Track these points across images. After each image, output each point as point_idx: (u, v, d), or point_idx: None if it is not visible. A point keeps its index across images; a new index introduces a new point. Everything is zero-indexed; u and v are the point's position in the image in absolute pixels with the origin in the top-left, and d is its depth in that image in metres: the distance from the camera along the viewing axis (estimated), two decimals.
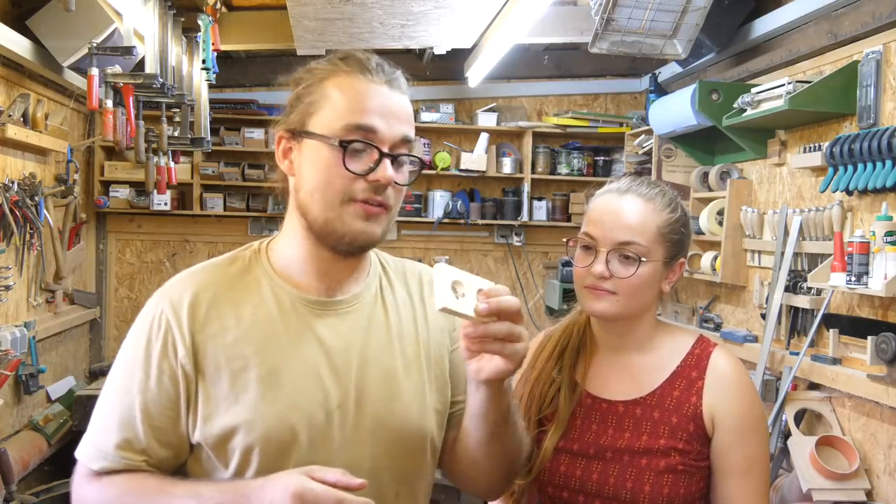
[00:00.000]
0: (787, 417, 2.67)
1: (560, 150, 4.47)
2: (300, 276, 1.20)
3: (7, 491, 2.87)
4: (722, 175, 3.44)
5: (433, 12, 3.05)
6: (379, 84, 1.15)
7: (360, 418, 1.17)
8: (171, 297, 1.17)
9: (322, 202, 1.14)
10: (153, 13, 2.92)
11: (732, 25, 3.16)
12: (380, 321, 1.23)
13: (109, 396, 1.17)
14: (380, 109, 1.14)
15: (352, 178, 1.12)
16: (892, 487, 2.37)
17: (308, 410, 1.13)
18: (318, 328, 1.18)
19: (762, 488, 1.38)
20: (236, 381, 1.13)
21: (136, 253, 4.40)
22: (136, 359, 1.15)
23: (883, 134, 2.32)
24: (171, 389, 1.13)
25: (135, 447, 1.13)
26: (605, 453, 1.38)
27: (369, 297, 1.24)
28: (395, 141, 1.14)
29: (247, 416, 1.11)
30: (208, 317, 1.15)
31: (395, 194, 1.16)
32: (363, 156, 1.13)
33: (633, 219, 1.38)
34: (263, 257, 1.23)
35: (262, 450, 1.11)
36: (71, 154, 3.48)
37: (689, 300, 3.92)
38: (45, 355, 3.41)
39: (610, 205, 1.41)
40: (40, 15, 2.94)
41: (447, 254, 4.57)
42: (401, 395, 1.20)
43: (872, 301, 2.48)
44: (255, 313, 1.16)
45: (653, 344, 1.45)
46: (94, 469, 1.14)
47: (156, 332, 1.15)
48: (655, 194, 1.42)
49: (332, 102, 1.14)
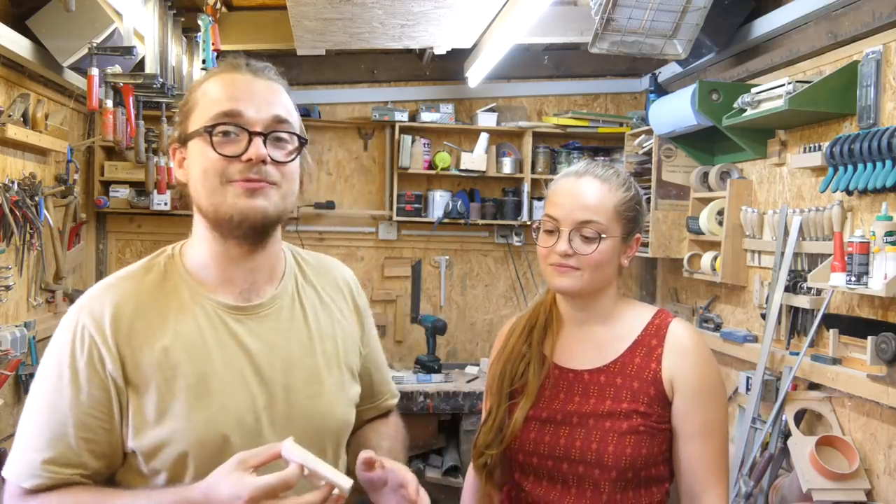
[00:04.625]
0: (787, 417, 2.67)
1: (560, 150, 4.47)
2: (215, 281, 1.23)
3: None
4: (722, 175, 3.44)
5: (433, 12, 3.05)
6: (244, 74, 1.21)
7: (289, 416, 1.21)
8: (91, 310, 1.17)
9: (205, 190, 1.18)
10: (153, 13, 2.92)
11: (732, 25, 3.16)
12: (299, 322, 1.28)
13: (36, 414, 1.16)
14: (244, 95, 1.18)
15: (226, 161, 1.16)
16: (892, 487, 2.37)
17: (237, 414, 1.17)
18: (241, 333, 1.21)
19: (720, 451, 1.47)
20: (166, 390, 1.14)
21: (136, 253, 4.39)
22: (61, 375, 1.15)
23: (883, 134, 2.32)
24: (103, 401, 1.14)
25: (67, 462, 1.13)
26: (572, 419, 1.47)
27: (287, 298, 1.28)
28: (267, 122, 1.18)
29: (178, 425, 1.13)
30: (132, 328, 1.16)
31: (277, 172, 1.18)
32: (235, 139, 1.16)
33: (591, 199, 1.47)
34: (178, 263, 1.25)
35: (195, 456, 1.13)
36: (71, 154, 3.47)
37: (689, 300, 3.92)
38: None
39: (569, 187, 1.50)
40: (40, 15, 2.94)
41: (447, 254, 4.57)
42: (324, 391, 1.26)
43: (872, 301, 2.48)
44: (178, 322, 1.18)
45: (614, 316, 1.55)
46: (26, 487, 1.14)
47: (79, 347, 1.15)
48: (611, 175, 1.51)
49: (203, 100, 1.20)
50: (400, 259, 4.53)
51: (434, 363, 4.08)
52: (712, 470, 1.45)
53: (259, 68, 1.23)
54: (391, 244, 4.54)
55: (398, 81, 4.49)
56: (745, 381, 3.01)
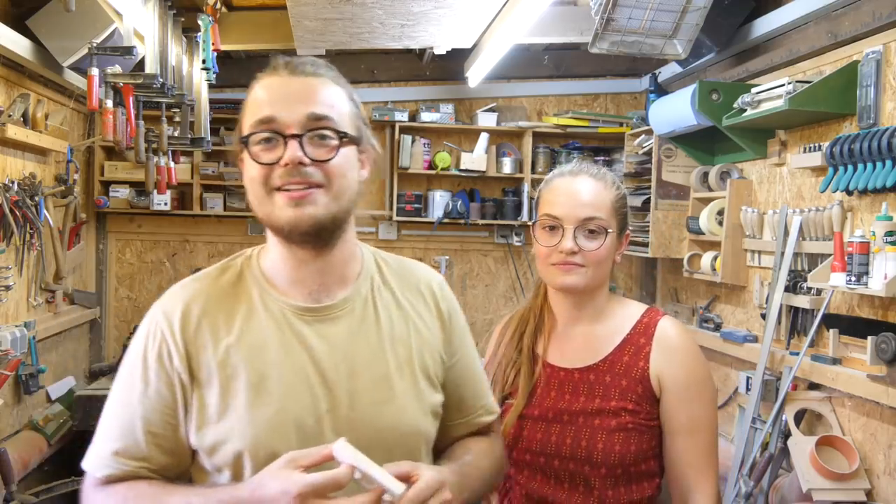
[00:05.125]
0: (787, 417, 2.67)
1: (560, 150, 4.47)
2: (285, 283, 1.22)
3: (7, 491, 2.87)
4: (722, 175, 3.44)
5: (433, 12, 3.05)
6: (281, 76, 1.19)
7: (353, 421, 1.17)
8: (164, 308, 1.20)
9: (255, 200, 1.18)
10: (153, 13, 2.92)
11: (732, 25, 3.16)
12: (370, 325, 1.24)
13: (111, 407, 1.20)
14: (277, 98, 1.16)
15: (268, 169, 1.14)
16: (892, 487, 2.37)
17: (297, 416, 1.15)
18: (307, 334, 1.19)
19: (708, 446, 1.49)
20: (227, 389, 1.15)
21: (136, 253, 4.40)
22: (133, 370, 1.18)
23: (883, 134, 2.32)
24: (168, 397, 1.16)
25: (134, 455, 1.15)
26: (563, 416, 1.50)
27: (359, 300, 1.25)
28: (301, 122, 1.15)
29: (237, 423, 1.14)
30: (200, 326, 1.18)
31: (320, 171, 1.15)
32: (274, 145, 1.15)
33: (591, 196, 1.51)
34: (254, 265, 1.25)
35: (252, 455, 1.12)
36: (71, 154, 3.47)
37: (689, 300, 3.92)
38: (45, 355, 3.41)
39: (567, 186, 1.53)
40: (40, 15, 2.94)
41: (447, 254, 4.57)
42: (395, 397, 1.21)
43: (872, 301, 2.48)
44: (244, 322, 1.19)
45: (605, 315, 1.57)
46: (98, 477, 1.17)
47: (151, 343, 1.18)
48: (604, 174, 1.57)
49: (247, 108, 1.19)
50: None
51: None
52: (700, 465, 1.47)
53: (298, 64, 1.20)
54: (391, 244, 4.54)
55: (398, 81, 4.49)
56: (745, 381, 3.00)
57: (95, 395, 3.58)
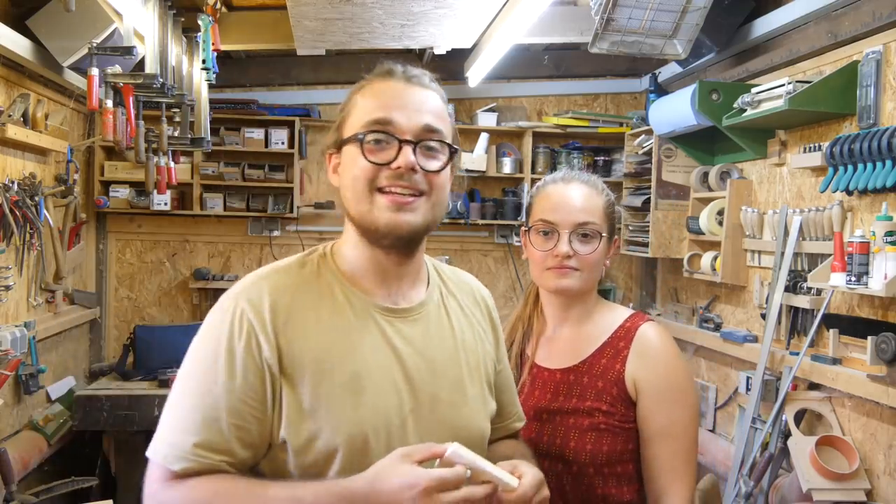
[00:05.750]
0: (787, 417, 2.67)
1: (560, 150, 4.47)
2: (365, 282, 1.23)
3: (7, 491, 2.87)
4: (722, 175, 3.44)
5: (433, 12, 3.05)
6: (398, 82, 1.23)
7: (433, 423, 1.20)
8: (249, 298, 1.16)
9: (354, 197, 1.19)
10: (153, 13, 2.92)
11: (732, 25, 3.16)
12: (445, 330, 1.28)
13: (188, 396, 1.14)
14: (396, 103, 1.20)
15: (376, 169, 1.17)
16: (892, 487, 2.37)
17: (386, 415, 1.16)
18: (391, 335, 1.21)
19: (683, 452, 1.50)
20: (320, 384, 1.14)
21: (136, 253, 4.40)
22: (217, 359, 1.13)
23: (883, 134, 2.32)
24: (258, 388, 1.12)
25: (217, 447, 1.11)
26: (542, 415, 1.55)
27: (433, 305, 1.29)
28: (417, 130, 1.19)
29: (331, 420, 1.13)
30: (289, 319, 1.16)
31: (426, 181, 1.19)
32: (386, 147, 1.18)
33: (584, 202, 1.56)
34: (331, 262, 1.25)
35: (344, 452, 1.13)
36: (71, 154, 3.47)
37: (689, 300, 3.92)
38: (45, 355, 3.41)
39: (560, 193, 1.58)
40: (40, 15, 2.94)
41: (447, 254, 4.57)
42: (467, 401, 1.26)
43: (872, 301, 2.48)
44: (332, 318, 1.19)
45: (591, 318, 1.61)
46: (175, 470, 1.10)
47: (238, 331, 1.14)
48: (595, 181, 1.62)
49: (358, 108, 1.22)
50: None
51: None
52: (673, 470, 1.48)
53: (413, 75, 1.24)
54: None
55: None
56: (745, 381, 3.01)
57: (95, 395, 3.58)
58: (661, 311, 4.23)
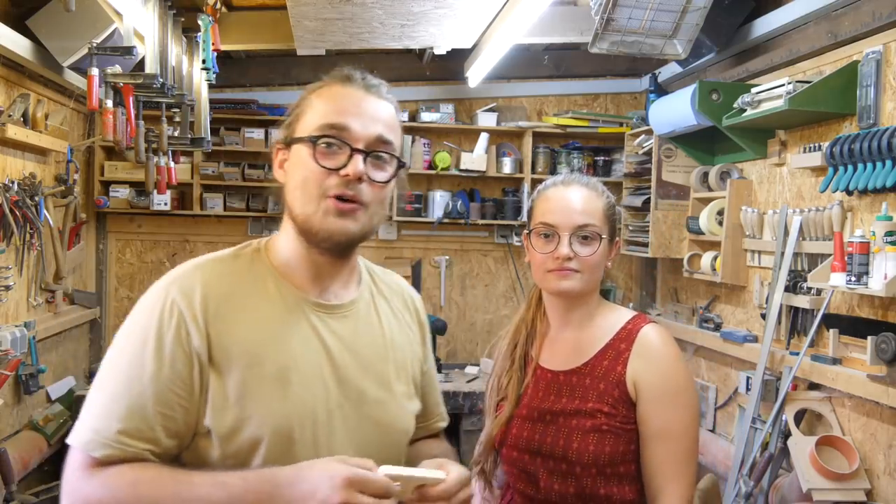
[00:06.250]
0: (787, 417, 2.67)
1: (560, 150, 4.47)
2: (297, 278, 1.25)
3: (7, 491, 2.87)
4: (722, 175, 3.44)
5: (433, 12, 3.05)
6: (356, 90, 1.23)
7: (359, 418, 1.23)
8: (181, 286, 1.17)
9: (301, 198, 1.19)
10: (153, 13, 2.92)
11: (732, 25, 3.16)
12: (375, 328, 1.31)
13: (114, 383, 1.13)
14: (353, 110, 1.20)
15: (325, 173, 1.17)
16: (892, 487, 2.37)
17: (313, 408, 1.18)
18: (322, 330, 1.23)
19: (682, 453, 1.51)
20: (248, 374, 1.15)
21: (136, 253, 4.40)
22: (145, 346, 1.13)
23: (883, 134, 2.32)
24: (185, 377, 1.13)
25: (142, 435, 1.10)
26: (546, 416, 1.56)
27: (363, 304, 1.31)
28: (370, 140, 1.20)
29: (258, 411, 1.14)
30: (220, 310, 1.16)
31: (371, 191, 1.20)
32: (337, 152, 1.18)
33: (584, 204, 1.57)
34: (265, 255, 1.26)
35: (269, 443, 1.14)
36: (71, 154, 3.47)
37: (689, 300, 3.92)
38: (45, 355, 3.41)
39: (561, 196, 1.60)
40: (40, 15, 2.94)
41: (447, 254, 4.57)
42: (394, 398, 1.29)
43: (872, 301, 2.48)
44: (264, 310, 1.20)
45: (594, 320, 1.62)
46: (96, 457, 1.10)
47: (167, 320, 1.14)
48: (595, 183, 1.63)
49: (313, 109, 1.22)
50: (400, 259, 4.53)
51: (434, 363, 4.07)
52: (671, 471, 1.49)
53: (372, 84, 1.25)
54: (391, 244, 4.54)
55: (398, 81, 4.48)
56: (745, 381, 3.01)
57: None
58: (661, 312, 4.23)
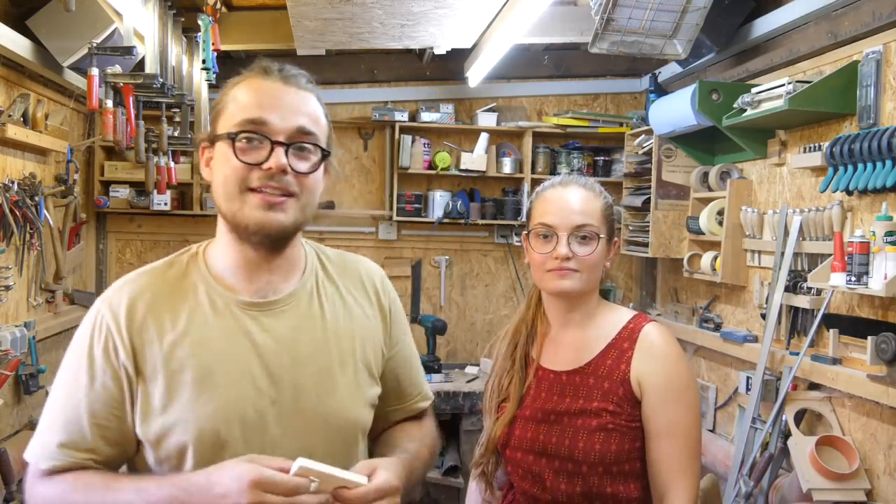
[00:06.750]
0: (787, 417, 2.67)
1: (560, 150, 4.47)
2: (233, 279, 1.26)
3: (7, 491, 2.87)
4: (722, 175, 3.44)
5: (433, 12, 3.05)
6: (274, 82, 1.23)
7: (297, 413, 1.23)
8: (110, 302, 1.22)
9: (224, 195, 1.21)
10: (153, 13, 2.92)
11: (732, 25, 3.16)
12: (315, 319, 1.29)
13: (55, 399, 1.22)
14: (271, 104, 1.20)
15: (247, 168, 1.18)
16: (892, 487, 2.37)
17: (240, 409, 1.19)
18: (252, 329, 1.23)
19: (686, 449, 1.52)
20: (172, 382, 1.18)
21: (136, 253, 4.40)
22: (79, 363, 1.21)
23: (883, 134, 2.32)
24: (114, 390, 1.19)
25: (80, 446, 1.18)
26: (550, 416, 1.57)
27: (304, 295, 1.30)
28: (290, 132, 1.20)
29: (181, 416, 1.17)
30: (145, 321, 1.21)
31: (298, 182, 1.20)
32: (258, 147, 1.18)
33: (582, 205, 1.59)
34: (200, 261, 1.28)
35: (195, 448, 1.17)
36: (71, 154, 3.47)
37: (689, 300, 3.92)
38: (45, 355, 3.41)
39: (558, 196, 1.61)
40: (40, 15, 2.94)
41: (447, 254, 4.57)
42: (336, 389, 1.27)
43: (872, 301, 2.48)
44: (189, 317, 1.22)
45: (595, 320, 1.63)
46: (43, 468, 1.19)
47: (97, 336, 1.20)
48: (592, 184, 1.65)
49: (233, 104, 1.22)
50: (400, 259, 4.53)
51: (434, 363, 4.08)
52: (677, 468, 1.50)
53: (291, 75, 1.24)
54: (391, 244, 4.54)
55: (398, 81, 4.49)
56: (745, 381, 3.00)
57: None
58: (661, 311, 4.23)
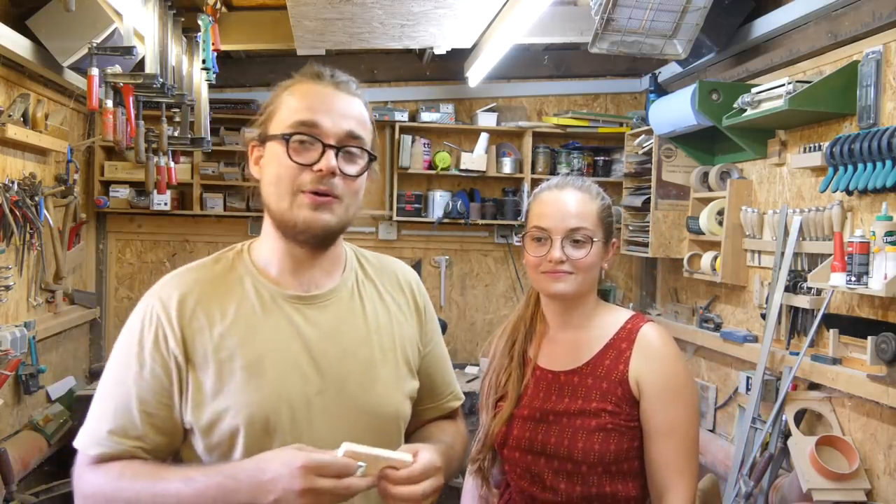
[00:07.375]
0: (787, 417, 2.67)
1: (560, 150, 4.47)
2: (278, 274, 1.30)
3: (7, 491, 2.87)
4: (722, 175, 3.44)
5: (433, 12, 3.05)
6: (325, 87, 1.28)
7: (341, 403, 1.26)
8: (160, 296, 1.26)
9: (275, 194, 1.25)
10: (153, 13, 2.92)
11: (732, 25, 3.16)
12: (357, 314, 1.34)
13: (105, 388, 1.25)
14: (323, 107, 1.25)
15: (298, 169, 1.22)
16: (892, 487, 2.37)
17: (289, 397, 1.23)
18: (298, 321, 1.27)
19: (685, 449, 1.52)
20: (223, 369, 1.22)
21: (136, 253, 4.40)
22: (129, 352, 1.24)
23: (883, 134, 2.32)
24: (163, 378, 1.22)
25: (129, 433, 1.20)
26: (548, 417, 1.57)
27: (346, 291, 1.35)
28: (340, 135, 1.24)
29: (232, 402, 1.20)
30: (195, 312, 1.24)
31: (344, 185, 1.25)
32: (310, 149, 1.23)
33: (577, 208, 1.58)
34: (245, 257, 1.34)
35: (246, 432, 1.20)
36: (71, 154, 3.48)
37: (689, 300, 3.92)
38: (45, 355, 3.41)
39: (554, 199, 1.61)
40: (40, 15, 2.94)
41: (447, 254, 4.57)
42: (379, 381, 1.31)
43: (872, 301, 2.48)
44: (238, 308, 1.26)
45: (593, 321, 1.63)
46: (92, 455, 1.21)
47: (147, 327, 1.24)
48: (588, 186, 1.64)
49: (286, 106, 1.27)
50: (400, 259, 4.52)
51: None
52: (676, 467, 1.51)
53: (341, 81, 1.29)
54: (391, 244, 4.54)
55: (398, 81, 4.49)
56: (745, 381, 3.01)
57: None
58: (661, 311, 4.23)
